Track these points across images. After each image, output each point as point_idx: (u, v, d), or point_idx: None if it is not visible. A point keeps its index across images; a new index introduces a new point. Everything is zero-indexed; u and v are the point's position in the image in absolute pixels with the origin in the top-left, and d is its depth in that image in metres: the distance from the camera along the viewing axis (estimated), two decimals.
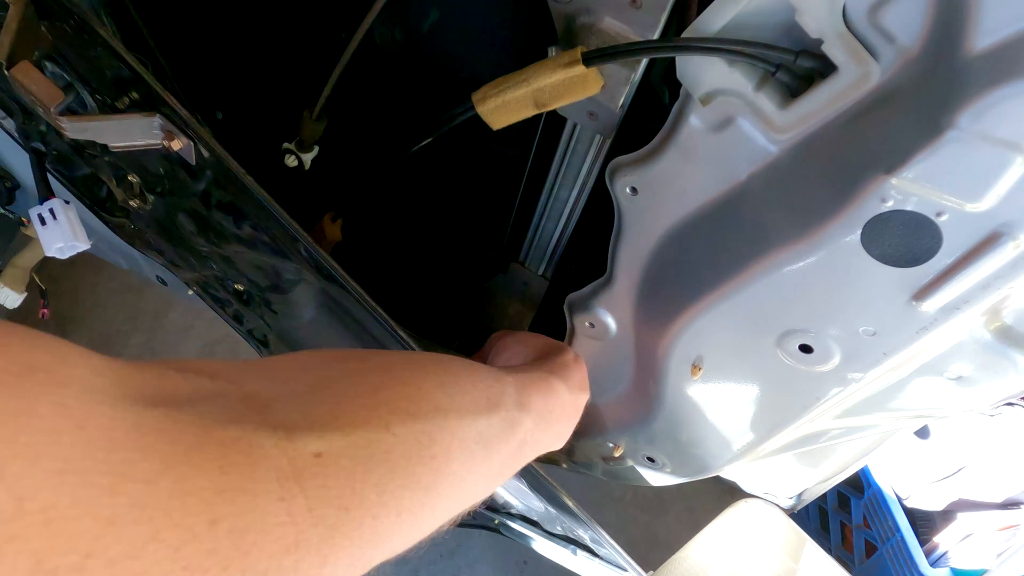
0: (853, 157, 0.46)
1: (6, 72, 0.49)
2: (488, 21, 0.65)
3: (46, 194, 0.81)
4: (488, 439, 0.42)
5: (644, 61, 0.56)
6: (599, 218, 0.73)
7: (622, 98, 0.57)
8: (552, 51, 0.57)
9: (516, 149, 0.71)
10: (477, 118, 0.59)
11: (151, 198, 0.71)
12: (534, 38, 0.59)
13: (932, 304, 0.48)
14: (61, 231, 0.81)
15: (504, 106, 0.57)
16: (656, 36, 0.53)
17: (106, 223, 0.80)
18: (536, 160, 0.70)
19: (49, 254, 0.82)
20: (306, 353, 0.39)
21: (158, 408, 0.25)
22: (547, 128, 0.67)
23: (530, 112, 0.58)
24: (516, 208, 0.75)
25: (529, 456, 0.50)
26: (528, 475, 0.79)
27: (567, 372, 0.58)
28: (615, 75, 0.56)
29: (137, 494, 0.22)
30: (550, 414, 0.52)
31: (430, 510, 0.36)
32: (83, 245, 0.82)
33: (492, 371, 0.48)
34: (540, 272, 0.77)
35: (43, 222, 0.80)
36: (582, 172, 0.66)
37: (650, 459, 0.80)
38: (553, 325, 0.80)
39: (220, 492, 0.24)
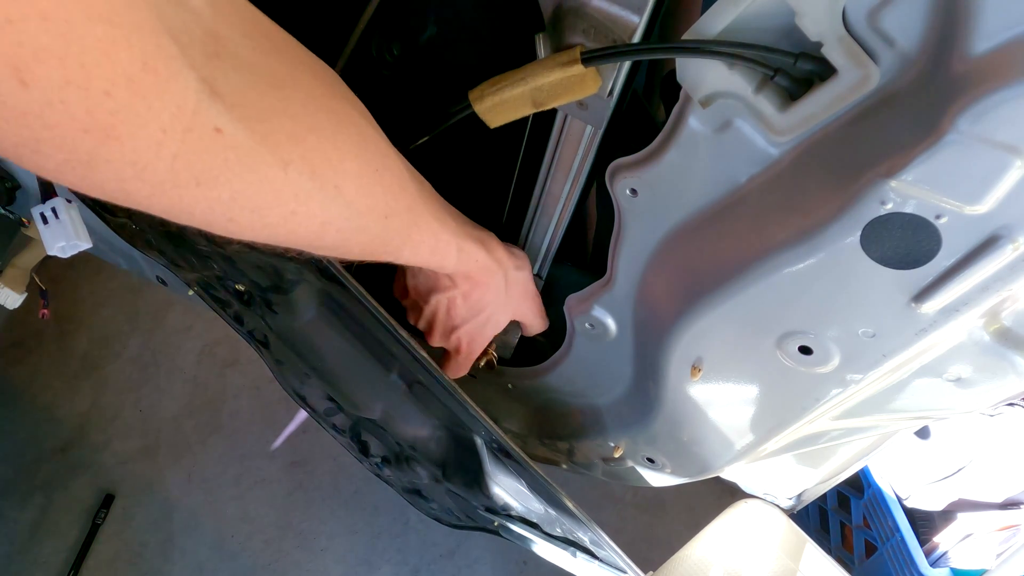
0: (852, 159, 0.46)
1: None
2: (476, 17, 0.64)
3: (48, 192, 0.81)
4: None
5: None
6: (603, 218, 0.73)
7: (610, 84, 0.55)
8: (539, 38, 0.55)
9: (507, 144, 0.70)
10: (474, 116, 0.59)
11: None
12: (520, 27, 0.58)
13: (931, 306, 0.48)
14: (63, 229, 0.81)
15: (501, 104, 0.57)
16: (645, 17, 0.51)
17: (107, 223, 0.80)
18: (527, 155, 0.69)
19: (51, 252, 0.82)
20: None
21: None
22: (536, 122, 0.66)
23: (528, 111, 0.57)
24: (508, 206, 0.75)
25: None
26: (528, 477, 0.79)
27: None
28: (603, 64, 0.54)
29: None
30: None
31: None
32: (85, 244, 0.83)
33: None
34: (535, 271, 0.77)
35: (45, 221, 0.81)
36: (574, 165, 0.65)
37: (650, 460, 0.80)
38: (549, 325, 0.80)
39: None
